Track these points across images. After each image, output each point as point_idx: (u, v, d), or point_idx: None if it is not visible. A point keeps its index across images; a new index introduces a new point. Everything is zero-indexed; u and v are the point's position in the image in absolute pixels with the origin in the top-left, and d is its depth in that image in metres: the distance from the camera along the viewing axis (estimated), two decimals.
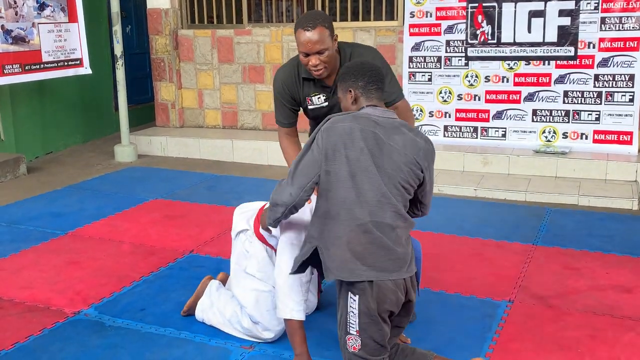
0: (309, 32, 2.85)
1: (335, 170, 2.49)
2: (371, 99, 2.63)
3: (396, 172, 2.49)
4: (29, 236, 4.75)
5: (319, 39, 2.85)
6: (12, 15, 6.29)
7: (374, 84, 2.63)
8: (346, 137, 2.48)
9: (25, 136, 7.25)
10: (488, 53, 6.44)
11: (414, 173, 2.53)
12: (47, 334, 3.31)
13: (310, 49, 2.87)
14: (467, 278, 3.92)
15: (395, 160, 2.49)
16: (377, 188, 2.47)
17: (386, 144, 2.49)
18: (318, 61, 2.90)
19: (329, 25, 2.91)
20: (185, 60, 7.89)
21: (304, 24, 2.87)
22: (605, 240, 4.56)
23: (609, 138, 6.22)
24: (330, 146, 2.49)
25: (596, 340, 3.20)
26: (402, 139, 2.52)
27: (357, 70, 2.64)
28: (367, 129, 2.50)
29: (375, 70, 2.65)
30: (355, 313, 2.53)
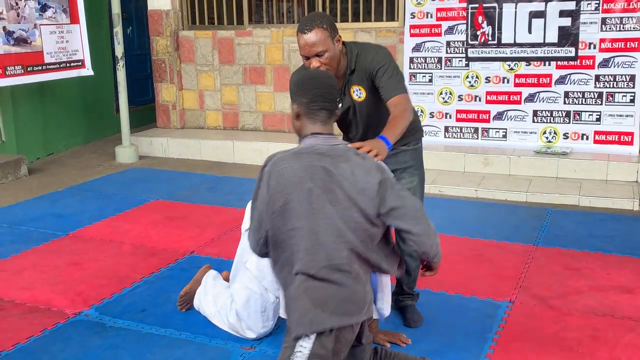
0: (307, 34, 2.80)
1: (285, 219, 2.30)
2: (315, 122, 2.40)
3: (352, 203, 2.28)
4: (30, 237, 4.75)
5: (317, 41, 2.79)
6: (13, 17, 6.30)
7: (318, 102, 2.39)
8: (290, 180, 2.30)
9: (26, 137, 7.26)
10: (488, 54, 6.45)
11: (369, 199, 2.30)
12: (48, 335, 3.31)
13: (309, 52, 2.81)
14: (468, 279, 3.92)
15: (347, 190, 2.28)
16: (333, 227, 2.28)
17: (335, 174, 2.29)
18: (318, 63, 2.82)
19: (329, 26, 2.83)
20: (186, 61, 7.90)
21: (302, 26, 2.83)
22: (606, 241, 4.55)
23: (609, 139, 6.22)
24: (275, 193, 2.31)
25: (597, 341, 3.19)
26: (350, 165, 2.31)
27: (305, 84, 2.45)
28: (312, 164, 2.30)
29: (325, 87, 2.42)
30: (304, 355, 2.27)
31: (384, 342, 3.16)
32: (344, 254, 2.29)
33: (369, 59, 2.91)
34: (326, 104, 2.41)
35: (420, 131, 3.23)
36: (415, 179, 3.15)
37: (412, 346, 3.15)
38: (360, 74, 2.94)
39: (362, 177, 2.31)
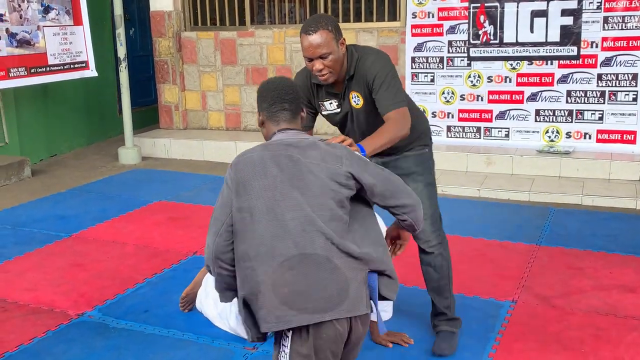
0: (311, 35, 2.72)
1: (248, 206, 2.16)
2: (278, 123, 2.35)
3: (324, 190, 2.16)
4: (33, 239, 4.76)
5: (321, 43, 2.72)
6: (16, 19, 6.32)
7: (277, 105, 2.34)
8: (256, 167, 2.19)
9: (29, 139, 7.28)
10: (490, 53, 6.44)
11: (344, 185, 2.19)
12: (51, 336, 3.32)
13: (313, 53, 2.74)
14: (471, 278, 3.91)
15: (318, 176, 2.17)
16: (302, 215, 2.12)
17: (303, 162, 2.18)
18: (322, 66, 2.76)
19: (333, 28, 2.76)
20: (188, 62, 7.91)
21: (306, 27, 2.75)
22: (609, 240, 4.55)
23: (612, 137, 6.22)
24: (240, 180, 2.19)
25: (600, 340, 3.19)
26: (320, 152, 2.21)
27: (263, 90, 2.39)
28: (280, 153, 2.21)
29: (279, 90, 2.36)
30: (286, 355, 2.16)
31: (387, 343, 3.17)
32: (317, 244, 2.11)
33: (367, 65, 2.84)
34: (285, 104, 2.34)
35: (425, 137, 3.11)
36: (420, 185, 3.03)
37: (414, 346, 3.16)
38: (358, 81, 2.88)
39: (333, 165, 2.20)
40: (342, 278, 2.12)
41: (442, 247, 3.09)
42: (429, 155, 3.11)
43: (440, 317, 3.17)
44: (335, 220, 2.15)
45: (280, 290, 2.09)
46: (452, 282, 3.18)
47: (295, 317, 2.08)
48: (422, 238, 3.06)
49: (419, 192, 3.01)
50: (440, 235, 3.09)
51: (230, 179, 2.22)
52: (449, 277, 3.14)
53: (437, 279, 3.11)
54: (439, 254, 3.08)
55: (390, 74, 2.84)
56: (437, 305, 3.15)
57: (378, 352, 3.12)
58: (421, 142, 3.08)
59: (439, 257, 3.08)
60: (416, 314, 3.44)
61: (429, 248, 3.07)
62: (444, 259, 3.10)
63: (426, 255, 3.09)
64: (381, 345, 3.17)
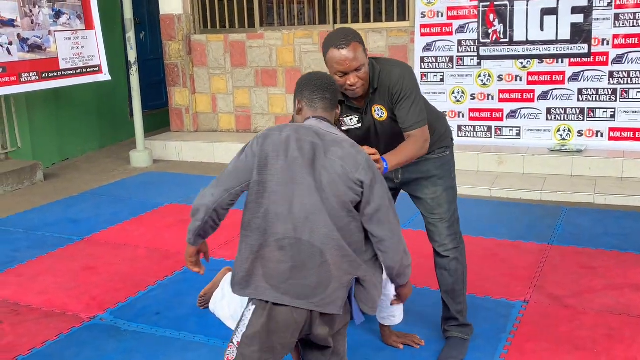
0: (344, 49, 2.64)
1: (264, 180, 2.23)
2: (316, 109, 2.40)
3: (334, 187, 2.19)
4: (46, 242, 4.80)
5: (356, 56, 2.65)
6: (28, 24, 6.36)
7: (318, 93, 2.41)
8: (281, 146, 2.24)
9: (41, 143, 7.33)
10: (500, 52, 6.41)
11: (351, 189, 2.20)
12: (63, 339, 3.34)
13: (349, 67, 2.65)
14: (482, 278, 3.90)
15: (332, 174, 2.20)
16: (309, 203, 2.18)
17: (322, 154, 2.22)
18: (357, 79, 2.69)
19: (361, 40, 2.72)
20: (198, 65, 7.94)
21: (336, 42, 2.66)
22: (622, 239, 4.51)
23: (624, 135, 6.17)
24: (264, 155, 2.24)
25: (612, 340, 3.17)
26: (342, 152, 2.23)
27: (304, 79, 2.47)
28: (306, 139, 2.25)
29: (323, 80, 2.44)
30: (246, 323, 2.25)
31: (397, 344, 3.16)
32: (316, 234, 2.18)
33: (393, 80, 2.78)
34: (327, 94, 2.42)
35: (446, 139, 3.07)
36: (439, 189, 3.01)
37: (425, 347, 3.15)
38: (382, 94, 2.82)
39: (349, 168, 2.21)
40: (326, 274, 2.20)
41: (457, 252, 3.07)
42: (450, 157, 3.09)
43: (452, 322, 3.14)
44: (344, 217, 2.21)
45: (266, 263, 2.21)
46: (467, 287, 3.16)
47: (265, 291, 2.20)
48: (437, 241, 3.05)
49: (438, 196, 3.01)
50: (456, 240, 3.06)
51: (253, 152, 2.28)
52: (464, 282, 3.12)
53: (452, 283, 3.09)
54: (454, 258, 3.05)
55: (415, 90, 2.81)
56: (449, 309, 3.13)
57: (389, 354, 3.12)
58: (442, 145, 3.05)
59: (454, 262, 3.06)
60: (427, 315, 3.42)
61: (444, 252, 3.05)
62: (459, 264, 3.07)
63: (441, 259, 3.07)
64: (392, 346, 3.16)
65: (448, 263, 3.06)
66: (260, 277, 2.22)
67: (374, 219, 2.25)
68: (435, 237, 3.06)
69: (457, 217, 3.09)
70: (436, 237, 3.05)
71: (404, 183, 3.09)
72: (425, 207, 3.05)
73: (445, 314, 3.17)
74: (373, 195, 2.24)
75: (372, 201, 2.24)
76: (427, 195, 3.03)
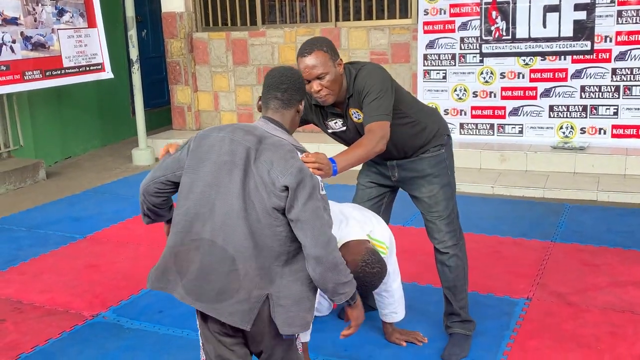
0: (306, 57, 2.71)
1: (191, 180, 2.21)
2: (267, 110, 2.32)
3: (257, 194, 2.13)
4: (49, 240, 4.80)
5: (317, 64, 2.70)
6: (31, 22, 6.35)
7: (270, 92, 2.31)
8: (214, 148, 2.20)
9: (44, 142, 7.34)
10: (503, 49, 6.40)
11: (275, 195, 2.11)
12: (66, 337, 3.35)
13: (309, 75, 2.71)
14: (485, 276, 3.89)
15: (257, 179, 2.14)
16: (230, 209, 2.12)
17: (253, 159, 2.16)
18: (320, 87, 2.73)
19: (329, 49, 2.74)
20: (200, 63, 7.93)
21: (301, 50, 2.74)
22: (625, 236, 4.51)
23: (627, 132, 6.16)
24: (198, 155, 2.22)
25: (616, 337, 3.16)
26: (273, 157, 2.15)
27: (266, 75, 2.38)
28: (242, 142, 2.18)
29: (277, 78, 2.32)
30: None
31: (400, 341, 3.16)
32: (231, 241, 2.12)
33: (359, 81, 2.81)
34: (277, 93, 2.30)
35: (440, 137, 3.05)
36: (435, 187, 3.01)
37: (428, 345, 3.15)
38: (356, 97, 2.84)
39: (275, 173, 2.12)
40: (234, 283, 2.12)
41: (457, 249, 3.07)
42: (445, 155, 3.07)
43: (454, 317, 3.14)
44: (269, 226, 2.12)
45: (180, 260, 2.20)
46: (468, 283, 3.16)
47: (177, 287, 2.19)
48: (437, 238, 3.06)
49: (435, 194, 3.01)
50: (455, 237, 3.07)
51: (189, 149, 2.26)
52: (465, 279, 3.13)
53: (452, 279, 3.10)
54: (453, 254, 3.06)
55: (378, 86, 2.76)
56: (451, 305, 3.13)
57: (392, 351, 3.11)
58: (436, 143, 3.04)
59: (454, 258, 3.06)
60: (430, 312, 3.43)
61: (443, 248, 3.06)
62: (459, 260, 3.08)
63: (441, 255, 3.08)
64: (395, 344, 3.16)
65: (448, 259, 3.06)
66: (175, 272, 2.21)
67: (297, 224, 2.12)
68: (435, 235, 3.06)
69: (456, 214, 3.09)
70: (435, 234, 3.06)
71: (401, 181, 3.09)
72: (422, 205, 3.06)
73: (447, 310, 3.17)
74: (297, 200, 2.11)
75: (295, 206, 2.11)
76: (424, 194, 3.03)
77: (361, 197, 3.23)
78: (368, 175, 3.21)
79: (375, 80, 2.78)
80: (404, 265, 3.27)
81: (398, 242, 3.11)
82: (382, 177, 3.15)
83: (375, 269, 2.64)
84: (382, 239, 2.88)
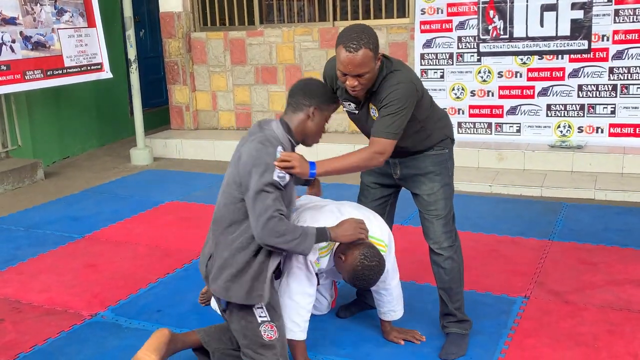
0: (352, 53, 2.58)
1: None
2: (284, 113, 2.77)
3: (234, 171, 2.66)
4: (47, 240, 4.80)
5: (361, 62, 2.60)
6: (30, 22, 6.34)
7: (288, 98, 2.76)
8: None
9: (42, 142, 7.33)
10: (500, 48, 6.41)
11: (239, 175, 2.63)
12: (65, 337, 3.35)
13: (350, 71, 2.63)
14: (483, 275, 3.90)
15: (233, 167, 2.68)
16: (222, 190, 2.73)
17: (239, 151, 2.69)
18: (356, 82, 2.66)
19: (375, 46, 2.64)
20: (198, 62, 7.94)
21: (347, 41, 2.60)
22: (623, 235, 4.52)
23: (625, 131, 6.17)
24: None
25: (613, 335, 3.17)
26: (253, 146, 2.62)
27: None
28: (244, 138, 2.74)
29: (293, 87, 2.75)
30: None
31: (398, 340, 3.16)
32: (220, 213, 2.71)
33: (386, 89, 2.74)
34: (290, 99, 2.76)
35: (445, 140, 3.05)
36: (436, 186, 3.01)
37: (426, 343, 3.15)
38: (377, 98, 2.79)
39: (245, 159, 2.60)
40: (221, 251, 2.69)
41: (452, 250, 3.05)
42: (447, 156, 3.08)
43: (450, 318, 3.14)
44: (230, 199, 2.66)
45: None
46: (464, 283, 3.16)
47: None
48: (432, 238, 3.05)
49: (435, 193, 3.01)
50: (451, 238, 3.06)
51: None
52: (460, 280, 3.11)
53: (448, 281, 3.08)
54: (448, 256, 3.04)
55: (399, 104, 2.72)
56: (446, 305, 3.13)
57: (390, 350, 3.12)
58: (442, 145, 3.05)
59: (449, 260, 3.05)
60: (428, 311, 3.43)
61: (438, 249, 3.05)
62: (454, 262, 3.06)
63: (436, 257, 3.07)
64: (393, 342, 3.16)
65: (443, 261, 3.05)
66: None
67: (248, 204, 2.60)
68: (431, 235, 3.05)
69: (453, 216, 3.09)
70: (431, 234, 3.05)
71: (402, 179, 3.10)
72: (422, 203, 3.06)
73: (443, 310, 3.17)
74: (249, 183, 2.57)
75: (249, 188, 2.58)
76: (424, 191, 3.03)
77: (366, 197, 3.23)
78: (371, 175, 3.21)
79: (398, 95, 2.72)
80: (402, 263, 3.28)
81: (397, 241, 3.12)
82: (385, 177, 3.15)
83: (373, 262, 2.70)
84: (380, 237, 2.89)
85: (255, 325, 2.71)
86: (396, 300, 3.11)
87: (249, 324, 2.72)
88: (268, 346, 2.71)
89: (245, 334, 2.74)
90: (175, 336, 2.86)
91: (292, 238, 2.55)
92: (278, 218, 2.52)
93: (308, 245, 2.60)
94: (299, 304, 2.84)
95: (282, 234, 2.53)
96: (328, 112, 2.76)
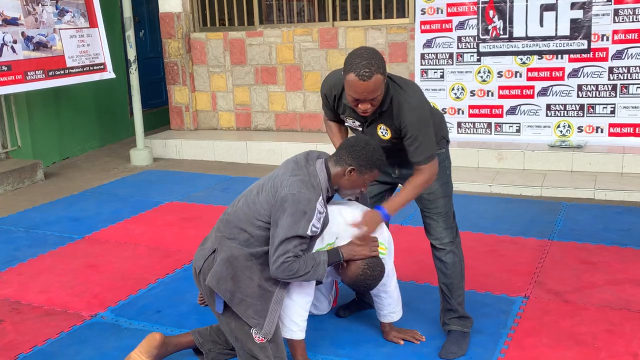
0: (365, 81, 2.59)
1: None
2: (332, 156, 2.84)
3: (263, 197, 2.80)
4: (47, 241, 4.80)
5: (374, 88, 2.62)
6: (32, 22, 6.32)
7: (338, 149, 2.85)
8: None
9: (42, 142, 7.33)
10: (500, 48, 6.41)
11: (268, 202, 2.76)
12: (64, 337, 3.35)
13: (365, 98, 2.66)
14: (483, 274, 3.90)
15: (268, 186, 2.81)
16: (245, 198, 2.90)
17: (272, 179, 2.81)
18: (368, 105, 2.70)
19: (384, 69, 2.66)
20: (198, 63, 7.94)
21: (358, 69, 2.60)
22: (622, 234, 4.52)
23: (624, 131, 6.17)
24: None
25: (613, 335, 3.17)
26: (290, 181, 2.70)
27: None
28: (290, 163, 2.83)
29: (349, 141, 2.82)
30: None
31: (398, 340, 3.16)
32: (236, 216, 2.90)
33: (403, 112, 2.76)
34: (338, 150, 2.86)
35: (441, 139, 3.06)
36: (435, 184, 3.02)
37: (425, 343, 3.15)
38: (388, 118, 2.81)
39: (284, 193, 2.68)
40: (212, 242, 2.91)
41: (453, 245, 3.11)
42: (444, 156, 3.10)
43: (451, 314, 3.15)
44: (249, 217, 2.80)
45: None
46: (465, 280, 3.17)
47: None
48: (434, 234, 3.10)
49: (434, 191, 3.04)
50: (452, 234, 3.11)
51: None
52: (461, 275, 3.15)
53: (449, 275, 3.12)
54: (450, 251, 3.10)
55: (422, 128, 2.79)
56: (447, 301, 3.14)
57: (390, 350, 3.12)
58: (439, 145, 3.05)
59: (450, 255, 3.10)
60: (428, 310, 3.43)
61: (440, 245, 3.10)
62: (455, 256, 3.11)
63: (437, 251, 3.12)
64: (393, 342, 3.16)
65: (445, 255, 3.10)
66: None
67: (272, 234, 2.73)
68: (432, 231, 3.10)
69: (453, 214, 3.14)
70: (432, 230, 3.10)
71: (401, 178, 3.11)
72: (422, 202, 3.09)
73: (444, 306, 3.18)
74: (279, 220, 2.68)
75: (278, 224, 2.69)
76: (424, 191, 3.04)
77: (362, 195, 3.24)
78: None
79: (418, 124, 2.78)
80: (402, 264, 3.29)
81: (396, 241, 3.13)
82: (383, 175, 3.16)
83: (376, 272, 2.79)
84: (381, 240, 2.90)
85: (247, 328, 2.78)
86: (396, 302, 3.12)
87: (241, 327, 2.79)
88: (260, 348, 2.78)
89: (237, 337, 2.82)
90: (167, 339, 2.95)
91: (305, 272, 2.68)
92: (292, 260, 2.65)
93: (321, 273, 2.72)
94: (298, 304, 2.85)
95: (295, 273, 2.67)
96: (367, 177, 2.79)
